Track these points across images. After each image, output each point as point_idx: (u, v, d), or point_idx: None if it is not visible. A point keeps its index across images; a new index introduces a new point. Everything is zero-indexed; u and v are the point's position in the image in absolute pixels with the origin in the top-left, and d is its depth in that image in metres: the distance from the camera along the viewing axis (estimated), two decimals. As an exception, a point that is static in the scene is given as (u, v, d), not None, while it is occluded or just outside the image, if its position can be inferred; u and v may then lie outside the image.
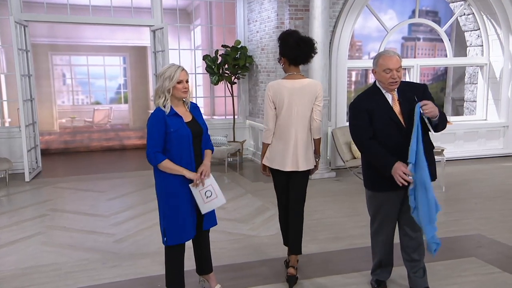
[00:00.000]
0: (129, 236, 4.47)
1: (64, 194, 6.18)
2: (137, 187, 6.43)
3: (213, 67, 7.86)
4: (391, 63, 2.79)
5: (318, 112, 3.39)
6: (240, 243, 4.23)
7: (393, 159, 2.80)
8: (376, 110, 2.87)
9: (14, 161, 7.09)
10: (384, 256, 3.18)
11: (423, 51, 11.95)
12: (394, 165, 2.77)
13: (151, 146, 2.77)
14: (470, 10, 8.39)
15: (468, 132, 8.21)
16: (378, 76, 2.88)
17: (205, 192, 2.86)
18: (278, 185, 3.52)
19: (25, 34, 7.08)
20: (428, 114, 2.72)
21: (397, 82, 2.85)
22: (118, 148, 10.34)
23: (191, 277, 3.29)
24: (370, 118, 2.88)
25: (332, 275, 3.53)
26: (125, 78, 15.65)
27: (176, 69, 2.82)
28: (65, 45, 13.72)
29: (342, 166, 7.18)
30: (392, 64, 2.79)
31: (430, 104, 2.72)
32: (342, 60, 7.46)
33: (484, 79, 8.54)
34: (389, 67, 2.80)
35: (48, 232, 4.59)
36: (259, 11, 7.86)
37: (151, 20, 7.93)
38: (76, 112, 15.00)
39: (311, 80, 3.49)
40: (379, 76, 2.87)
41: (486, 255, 3.88)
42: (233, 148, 7.64)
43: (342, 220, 4.86)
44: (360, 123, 2.92)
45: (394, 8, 10.10)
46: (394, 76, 2.80)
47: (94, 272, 3.64)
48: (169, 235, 2.86)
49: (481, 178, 6.82)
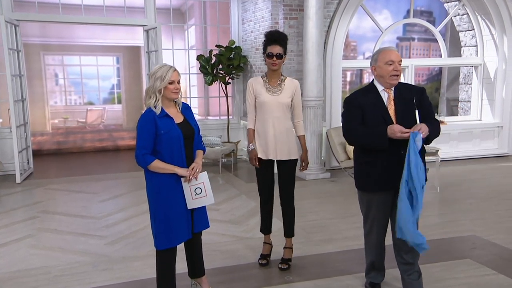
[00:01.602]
0: (121, 238, 4.40)
1: (55, 195, 6.10)
2: (130, 188, 6.36)
3: (207, 67, 7.80)
4: (393, 55, 2.83)
5: None
6: (234, 245, 4.18)
7: (383, 127, 2.78)
8: (370, 107, 2.88)
9: (5, 162, 7.00)
10: (376, 258, 3.16)
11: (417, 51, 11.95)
12: (387, 130, 2.75)
13: (139, 147, 2.72)
14: (464, 10, 8.39)
15: (462, 133, 8.21)
16: (379, 71, 2.87)
17: (195, 189, 2.82)
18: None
19: (16, 33, 6.99)
20: (425, 135, 2.70)
21: (399, 76, 2.86)
22: (111, 148, 10.27)
23: (183, 280, 3.24)
24: (363, 115, 2.89)
25: (326, 277, 3.49)
26: (118, 78, 15.56)
27: (168, 69, 2.77)
28: (57, 45, 13.61)
29: (336, 167, 7.15)
30: (394, 56, 2.83)
31: (418, 126, 2.70)
32: (337, 60, 7.43)
33: (478, 79, 8.54)
34: (391, 59, 2.82)
35: (39, 235, 4.52)
36: (253, 10, 7.82)
37: (144, 19, 7.87)
38: (69, 113, 14.88)
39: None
40: (380, 70, 2.86)
41: (481, 257, 3.85)
42: (227, 149, 7.58)
43: (336, 222, 4.82)
44: (352, 118, 2.93)
45: (388, 8, 10.09)
46: (396, 67, 2.82)
47: (84, 275, 3.57)
48: (160, 239, 2.81)
49: (476, 178, 6.81)
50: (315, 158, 6.83)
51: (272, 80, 3.56)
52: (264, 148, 3.56)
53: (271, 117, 3.52)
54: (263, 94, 3.53)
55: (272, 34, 3.53)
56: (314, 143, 6.78)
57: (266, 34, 3.56)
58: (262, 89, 3.54)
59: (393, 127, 2.75)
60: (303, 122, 3.68)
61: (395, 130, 2.73)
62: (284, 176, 3.62)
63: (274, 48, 3.45)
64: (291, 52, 7.23)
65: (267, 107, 3.52)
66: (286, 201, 3.67)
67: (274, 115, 3.52)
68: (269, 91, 3.53)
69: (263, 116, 3.55)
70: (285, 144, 3.55)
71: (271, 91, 3.53)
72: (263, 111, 3.54)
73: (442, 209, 5.08)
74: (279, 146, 3.54)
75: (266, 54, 3.49)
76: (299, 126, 3.66)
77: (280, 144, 3.54)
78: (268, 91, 3.53)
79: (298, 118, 3.64)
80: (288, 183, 3.63)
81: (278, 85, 3.55)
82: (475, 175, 7.03)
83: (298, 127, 3.66)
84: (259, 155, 3.57)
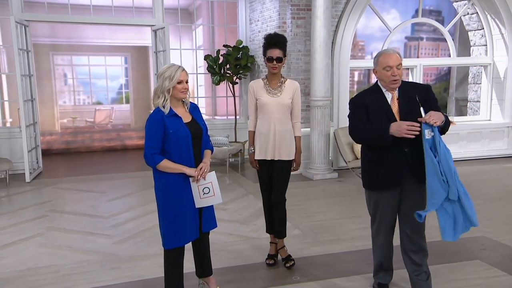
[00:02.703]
0: (129, 238, 4.43)
1: (64, 194, 6.14)
2: (138, 188, 6.39)
3: (214, 67, 7.81)
4: (391, 61, 2.80)
5: None
6: (241, 245, 4.18)
7: (386, 124, 2.75)
8: (373, 106, 2.89)
9: (14, 162, 7.06)
10: (383, 258, 3.15)
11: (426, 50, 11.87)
12: (391, 126, 2.71)
13: (148, 147, 2.73)
14: (474, 9, 8.32)
15: (471, 133, 8.14)
16: (379, 75, 2.89)
17: (203, 188, 2.84)
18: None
19: (26, 34, 7.05)
20: (437, 124, 2.65)
21: (398, 81, 2.84)
22: (119, 148, 10.32)
23: (190, 279, 3.24)
24: (367, 114, 2.90)
25: (334, 278, 3.47)
26: (126, 78, 15.62)
27: (176, 69, 2.78)
28: (66, 45, 13.69)
29: (344, 167, 7.12)
30: (392, 61, 2.80)
31: (432, 114, 2.66)
32: (345, 60, 7.40)
33: (488, 79, 8.47)
34: (389, 64, 2.80)
35: (47, 234, 4.55)
36: (261, 10, 7.81)
37: (152, 20, 7.90)
38: (77, 112, 14.97)
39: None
40: (380, 74, 2.88)
41: (490, 258, 3.82)
42: (235, 149, 7.58)
43: (344, 222, 4.80)
44: (357, 117, 2.95)
45: (397, 8, 10.03)
46: (394, 73, 2.80)
47: (92, 274, 3.59)
48: (168, 238, 2.82)
49: (485, 179, 6.75)
50: (323, 158, 6.81)
51: (273, 82, 3.61)
52: (264, 149, 3.60)
53: (271, 118, 3.57)
54: (263, 95, 3.58)
55: (271, 38, 3.55)
56: (322, 143, 6.76)
57: (265, 37, 3.59)
58: (262, 91, 3.59)
59: (400, 123, 2.71)
60: (300, 124, 3.70)
61: (402, 126, 2.68)
62: (279, 176, 3.63)
63: (274, 51, 3.49)
64: (299, 52, 7.22)
65: (268, 109, 3.56)
66: (279, 200, 3.64)
67: (274, 116, 3.56)
68: (269, 93, 3.58)
69: (264, 117, 3.59)
70: (285, 145, 3.60)
71: (272, 92, 3.58)
72: (264, 113, 3.59)
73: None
74: (279, 147, 3.58)
75: (266, 58, 3.53)
76: (296, 127, 3.67)
77: (280, 145, 3.58)
78: (268, 92, 3.58)
79: (296, 119, 3.67)
80: (283, 182, 3.65)
81: (279, 87, 3.60)
82: (484, 175, 6.97)
83: (295, 128, 3.67)
84: (260, 156, 3.61)
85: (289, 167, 3.66)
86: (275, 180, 3.63)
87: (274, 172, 3.63)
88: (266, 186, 3.69)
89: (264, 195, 3.74)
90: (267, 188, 3.69)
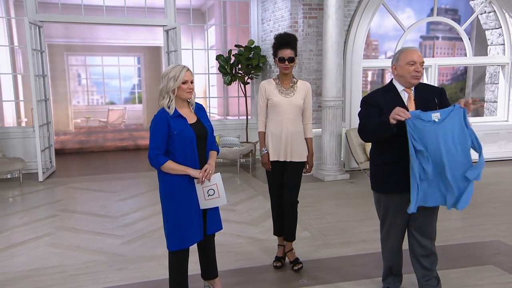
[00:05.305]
0: (137, 238, 4.42)
1: (76, 194, 6.19)
2: (149, 188, 6.40)
3: (226, 67, 7.79)
4: (415, 56, 2.79)
5: None
6: (249, 247, 4.14)
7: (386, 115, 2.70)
8: (388, 106, 2.76)
9: (28, 161, 7.14)
10: (393, 263, 3.08)
11: (442, 50, 11.69)
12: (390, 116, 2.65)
13: (152, 148, 2.71)
14: (491, 7, 8.14)
15: (488, 134, 7.95)
16: (400, 71, 2.82)
17: (208, 190, 2.81)
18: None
19: (40, 34, 7.13)
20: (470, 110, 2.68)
21: (420, 77, 2.81)
22: (132, 148, 10.38)
23: (196, 281, 3.22)
24: (381, 114, 2.80)
25: (342, 282, 3.41)
26: (139, 78, 15.75)
27: (181, 69, 2.76)
28: (80, 46, 13.86)
29: (356, 168, 7.04)
30: (416, 57, 2.78)
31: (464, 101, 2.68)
32: (357, 60, 7.31)
33: (505, 79, 8.28)
34: (413, 59, 2.77)
35: (57, 233, 4.58)
36: (273, 10, 7.77)
37: (164, 20, 7.91)
38: (91, 112, 15.14)
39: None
40: (401, 70, 2.81)
41: (505, 263, 3.70)
42: (246, 149, 7.55)
43: (354, 224, 4.73)
44: (368, 116, 2.84)
45: (411, 6, 9.88)
46: (418, 68, 2.77)
47: (99, 274, 3.59)
48: (172, 240, 2.79)
49: (501, 181, 6.59)
50: (334, 159, 6.73)
51: (285, 82, 3.56)
52: (277, 149, 3.54)
53: (284, 119, 3.51)
54: (276, 95, 3.52)
55: (282, 38, 3.50)
56: (333, 144, 6.68)
57: (276, 37, 3.54)
58: (275, 91, 3.54)
59: (394, 110, 2.61)
60: (311, 125, 3.66)
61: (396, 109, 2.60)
62: (292, 177, 3.58)
63: (285, 51, 3.45)
64: (310, 52, 7.15)
65: (281, 109, 3.51)
66: (292, 202, 3.59)
67: (287, 116, 3.51)
68: (282, 93, 3.53)
69: (276, 117, 3.53)
70: (297, 146, 3.54)
71: (284, 93, 3.53)
72: (276, 113, 3.53)
73: (464, 213, 4.91)
74: (291, 148, 3.52)
75: (278, 58, 3.48)
76: (307, 128, 3.63)
77: (292, 146, 3.52)
78: (281, 93, 3.53)
79: (308, 120, 3.62)
80: (295, 184, 3.60)
81: (291, 87, 3.55)
82: (500, 177, 6.81)
83: (306, 129, 3.63)
84: (272, 158, 3.55)
85: (301, 169, 3.61)
86: (287, 182, 3.59)
87: (286, 174, 3.59)
88: (276, 188, 3.64)
89: (273, 196, 3.68)
90: (277, 189, 3.64)
